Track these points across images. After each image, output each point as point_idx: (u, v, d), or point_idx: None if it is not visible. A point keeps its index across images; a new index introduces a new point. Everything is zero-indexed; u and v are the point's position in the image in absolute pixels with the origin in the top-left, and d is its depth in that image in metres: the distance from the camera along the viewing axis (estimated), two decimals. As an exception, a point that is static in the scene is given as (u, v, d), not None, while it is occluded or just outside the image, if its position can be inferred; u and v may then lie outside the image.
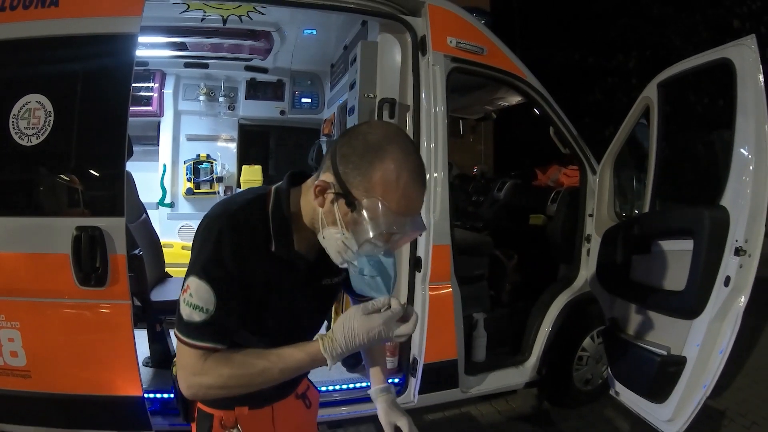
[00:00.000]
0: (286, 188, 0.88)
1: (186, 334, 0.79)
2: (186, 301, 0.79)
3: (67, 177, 1.65)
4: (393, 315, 0.78)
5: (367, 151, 0.76)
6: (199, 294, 0.78)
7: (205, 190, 3.70)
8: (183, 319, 0.79)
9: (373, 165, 0.75)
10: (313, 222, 0.84)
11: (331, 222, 0.79)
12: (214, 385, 0.80)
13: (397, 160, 0.75)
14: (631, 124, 2.34)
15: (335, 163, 0.78)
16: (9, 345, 1.61)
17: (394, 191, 0.75)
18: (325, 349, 0.78)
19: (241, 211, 0.82)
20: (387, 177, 0.75)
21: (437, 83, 2.01)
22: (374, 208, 0.75)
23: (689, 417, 1.81)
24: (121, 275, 1.63)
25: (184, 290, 0.79)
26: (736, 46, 1.78)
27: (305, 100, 3.79)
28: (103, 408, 1.69)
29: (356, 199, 0.76)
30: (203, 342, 0.79)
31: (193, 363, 0.79)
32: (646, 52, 5.84)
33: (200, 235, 0.81)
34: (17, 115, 1.58)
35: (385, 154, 0.75)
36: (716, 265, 1.71)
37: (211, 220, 0.82)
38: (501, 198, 2.94)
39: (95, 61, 1.65)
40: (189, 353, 0.79)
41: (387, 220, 0.75)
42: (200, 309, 0.78)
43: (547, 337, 2.42)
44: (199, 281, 0.78)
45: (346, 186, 0.76)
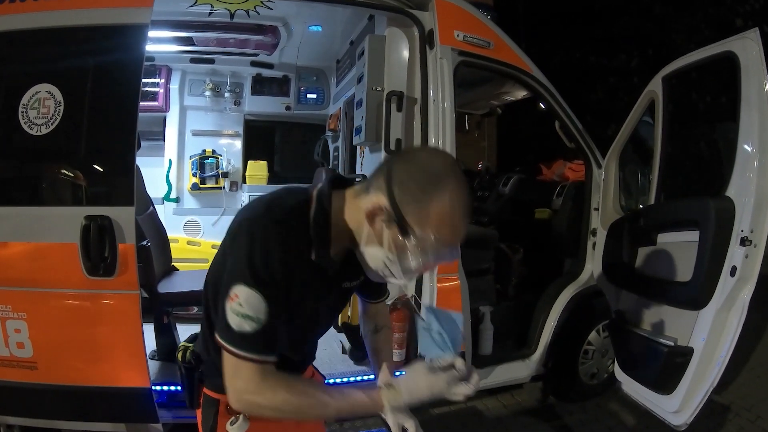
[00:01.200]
0: (328, 194, 0.86)
1: (238, 345, 0.77)
2: (235, 311, 0.77)
3: (76, 167, 1.65)
4: (457, 376, 0.80)
5: (427, 182, 0.77)
6: (249, 302, 0.76)
7: (210, 185, 3.70)
8: (233, 330, 0.77)
9: (432, 198, 0.76)
10: (356, 234, 0.85)
11: (376, 242, 0.81)
12: (269, 406, 0.80)
13: (453, 195, 0.77)
14: (636, 119, 2.35)
15: (391, 187, 0.78)
16: (15, 336, 1.59)
17: (447, 225, 0.77)
18: (388, 400, 0.80)
19: (288, 218, 0.81)
20: (443, 212, 0.76)
21: (445, 76, 2.02)
22: (426, 241, 0.77)
23: (696, 408, 1.81)
24: (130, 265, 1.62)
25: (230, 298, 0.77)
26: (739, 40, 1.80)
27: (311, 96, 3.79)
28: (110, 400, 1.68)
29: (410, 227, 0.77)
30: (256, 354, 0.78)
31: (248, 379, 0.78)
32: (648, 50, 5.85)
33: (244, 239, 0.79)
34: (27, 105, 1.57)
35: (443, 188, 0.76)
36: (722, 255, 1.71)
37: (256, 225, 0.80)
38: (506, 193, 2.95)
39: (106, 51, 1.65)
40: (242, 367, 0.78)
41: (434, 251, 0.78)
42: (251, 318, 0.77)
43: (553, 330, 2.43)
44: (248, 290, 0.76)
45: (401, 213, 0.77)
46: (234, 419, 0.91)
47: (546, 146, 3.30)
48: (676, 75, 2.16)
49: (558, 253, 2.71)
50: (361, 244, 0.84)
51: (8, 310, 1.59)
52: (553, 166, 3.14)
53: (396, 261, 0.81)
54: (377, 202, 0.79)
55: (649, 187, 2.30)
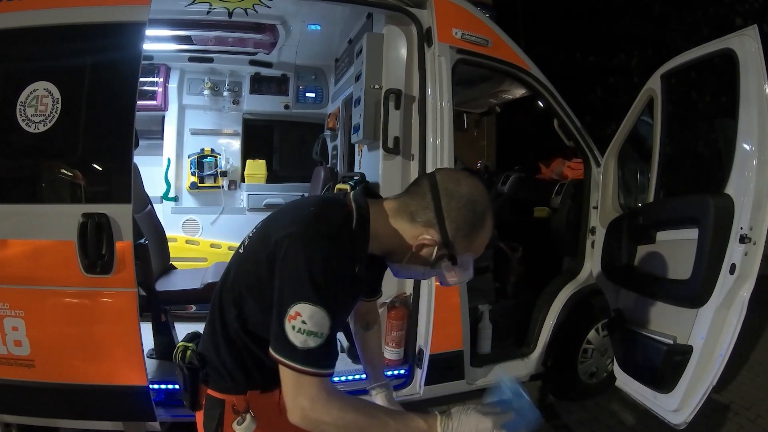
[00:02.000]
0: (366, 206, 0.92)
1: (304, 362, 0.79)
2: (299, 329, 0.79)
3: (74, 164, 1.64)
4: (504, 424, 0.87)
5: (476, 222, 0.89)
6: (314, 320, 0.79)
7: (209, 184, 3.70)
8: (298, 348, 0.79)
9: (479, 233, 0.91)
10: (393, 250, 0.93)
11: (420, 262, 0.93)
12: (334, 425, 0.81)
13: (490, 227, 0.92)
14: (634, 117, 2.35)
15: (443, 224, 0.88)
16: (13, 334, 1.59)
17: (483, 245, 0.93)
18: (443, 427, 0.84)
19: (339, 235, 0.86)
20: (484, 237, 0.92)
21: (443, 74, 2.02)
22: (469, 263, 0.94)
23: (696, 406, 1.80)
24: (128, 263, 1.61)
25: (291, 317, 0.79)
26: (738, 36, 1.80)
27: (309, 95, 3.79)
28: (107, 398, 1.68)
29: (458, 256, 0.91)
30: (320, 369, 0.80)
31: (314, 396, 0.79)
32: (647, 50, 5.85)
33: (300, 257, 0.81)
34: (24, 103, 1.57)
35: (487, 221, 0.91)
36: (721, 252, 1.71)
37: (310, 241, 0.82)
38: (505, 191, 2.94)
39: (103, 49, 1.65)
40: (307, 383, 0.80)
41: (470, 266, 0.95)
42: (316, 334, 0.79)
43: (552, 329, 2.42)
44: (313, 307, 0.79)
45: (453, 247, 0.89)
46: (241, 419, 0.92)
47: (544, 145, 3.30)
48: (675, 72, 2.16)
49: (557, 252, 2.70)
50: (402, 262, 0.94)
51: (5, 307, 1.59)
52: (552, 165, 3.14)
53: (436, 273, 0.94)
54: (431, 238, 0.89)
55: (647, 186, 2.29)
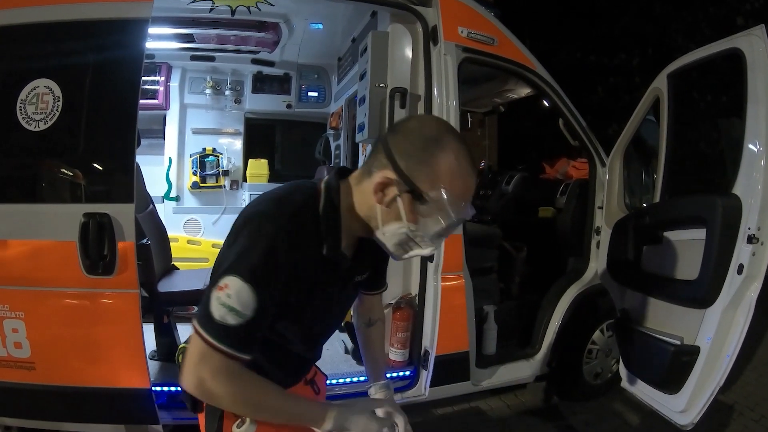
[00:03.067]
0: (336, 184, 0.87)
1: (214, 335, 0.75)
2: (221, 301, 0.74)
3: (75, 163, 1.62)
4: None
5: (428, 144, 0.78)
6: (240, 296, 0.74)
7: (211, 183, 3.68)
8: (214, 319, 0.74)
9: (437, 156, 0.78)
10: (369, 219, 0.85)
11: (393, 218, 0.81)
12: (225, 397, 0.78)
13: (456, 149, 0.79)
14: (640, 116, 2.34)
15: (394, 159, 0.79)
16: (13, 336, 1.57)
17: (458, 179, 0.79)
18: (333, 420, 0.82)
19: (297, 215, 0.81)
20: (451, 166, 0.78)
21: (449, 73, 2.00)
22: (444, 198, 0.78)
23: (703, 407, 1.79)
24: (130, 263, 1.59)
25: (219, 287, 0.75)
26: (745, 36, 1.79)
27: (312, 94, 3.77)
28: (109, 401, 1.66)
29: (424, 191, 0.78)
30: (231, 349, 0.75)
31: (215, 370, 0.75)
32: (648, 50, 5.85)
33: (249, 233, 0.78)
34: (25, 100, 1.55)
35: (445, 144, 0.79)
36: (729, 253, 1.70)
37: (264, 220, 0.79)
38: (509, 191, 2.94)
39: (106, 46, 1.63)
40: (213, 357, 0.75)
41: (454, 207, 0.79)
42: (237, 312, 0.74)
43: (557, 330, 2.41)
44: (243, 283, 0.74)
45: (411, 180, 0.78)
46: (240, 422, 0.89)
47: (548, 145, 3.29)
48: (682, 72, 2.15)
49: (562, 252, 2.69)
50: (379, 226, 0.83)
51: (6, 309, 1.56)
52: (557, 165, 3.13)
53: (419, 229, 0.81)
54: (384, 176, 0.80)
55: (653, 186, 2.29)
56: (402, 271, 2.15)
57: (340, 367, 2.22)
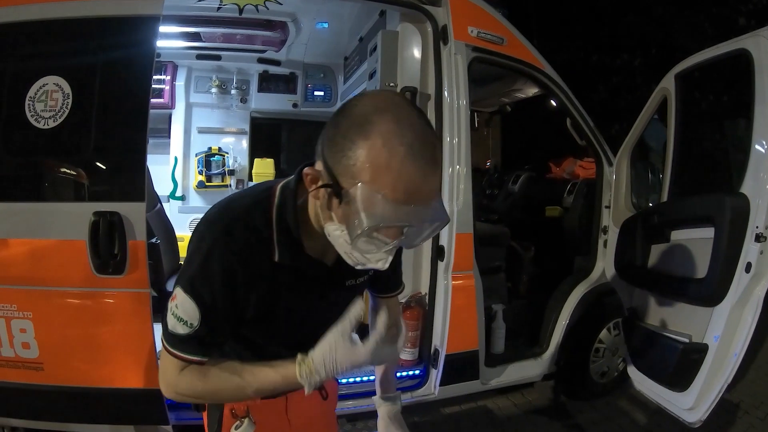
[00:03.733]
0: (294, 186, 0.76)
1: (169, 343, 0.77)
2: (172, 311, 0.75)
3: (85, 161, 1.60)
4: (379, 342, 0.71)
5: (351, 127, 0.62)
6: (184, 307, 0.74)
7: (216, 183, 3.68)
8: (167, 328, 0.76)
9: (356, 143, 0.61)
10: (317, 219, 0.74)
11: (327, 217, 0.69)
12: (189, 396, 0.80)
13: (387, 134, 0.60)
14: (648, 116, 2.35)
15: (322, 146, 0.66)
16: (21, 336, 1.55)
17: (385, 174, 0.60)
18: (302, 377, 0.73)
19: (238, 221, 0.74)
20: (374, 157, 0.60)
21: (459, 72, 2.01)
22: (363, 198, 0.61)
23: (711, 404, 1.81)
24: (141, 262, 1.57)
25: (171, 298, 0.76)
26: (753, 37, 1.81)
27: (318, 93, 3.77)
28: (119, 401, 1.64)
29: (342, 187, 0.63)
30: (185, 354, 0.76)
31: (171, 372, 0.77)
32: (651, 50, 5.86)
33: (193, 242, 0.75)
34: (34, 98, 1.53)
35: (371, 128, 0.61)
36: (737, 251, 1.71)
37: (205, 227, 0.75)
38: (516, 191, 2.94)
39: (116, 43, 1.61)
40: (169, 361, 0.77)
41: (383, 210, 0.61)
42: (184, 322, 0.74)
43: (565, 329, 2.41)
44: (184, 295, 0.74)
45: (332, 173, 0.64)
46: (239, 423, 0.89)
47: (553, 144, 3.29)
48: (690, 72, 2.16)
49: (569, 251, 2.70)
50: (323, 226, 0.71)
51: (14, 309, 1.55)
52: (563, 164, 3.14)
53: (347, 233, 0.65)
54: (314, 168, 0.68)
55: (660, 185, 2.30)
56: (412, 269, 2.16)
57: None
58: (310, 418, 1.03)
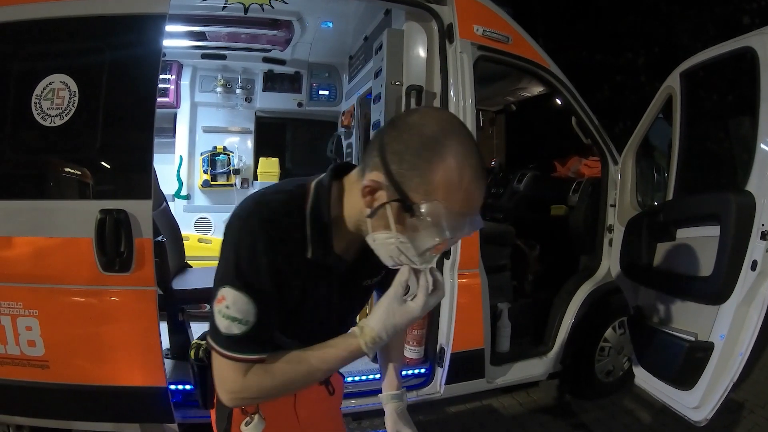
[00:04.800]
0: (328, 184, 0.79)
1: (225, 346, 0.75)
2: (223, 313, 0.74)
3: (91, 159, 1.60)
4: (427, 294, 0.75)
5: (424, 147, 0.67)
6: (237, 306, 0.73)
7: (221, 182, 3.69)
8: (221, 332, 0.74)
9: (433, 164, 0.67)
10: (359, 223, 0.78)
11: (382, 226, 0.72)
12: (259, 397, 0.80)
13: (459, 156, 0.67)
14: (653, 115, 2.34)
15: (386, 160, 0.69)
16: (27, 334, 1.55)
17: (457, 192, 0.67)
18: (367, 345, 0.76)
19: (277, 216, 0.75)
20: (449, 177, 0.67)
21: (465, 71, 2.01)
22: (437, 213, 0.67)
23: (717, 403, 1.80)
24: (147, 260, 1.57)
25: (218, 300, 0.74)
26: (758, 35, 1.80)
27: (323, 93, 3.78)
28: (125, 399, 1.64)
29: (414, 203, 0.68)
30: (245, 354, 0.75)
31: (233, 378, 0.76)
32: (655, 49, 5.84)
33: (232, 238, 0.75)
34: (40, 96, 1.53)
35: (445, 150, 0.67)
36: (743, 249, 1.70)
37: (244, 222, 0.75)
38: (521, 189, 2.94)
39: (123, 41, 1.61)
40: (228, 366, 0.76)
41: (450, 223, 0.68)
42: (239, 321, 0.73)
43: (570, 327, 2.41)
44: (236, 292, 0.73)
45: (401, 188, 0.68)
46: (249, 419, 0.89)
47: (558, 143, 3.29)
48: (695, 71, 2.16)
49: (574, 250, 2.69)
50: (369, 232, 0.75)
51: (19, 307, 1.55)
52: (568, 163, 3.13)
53: (408, 242, 0.71)
54: (374, 179, 0.70)
55: (665, 184, 2.29)
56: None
57: (355, 365, 2.21)
58: (318, 414, 1.04)
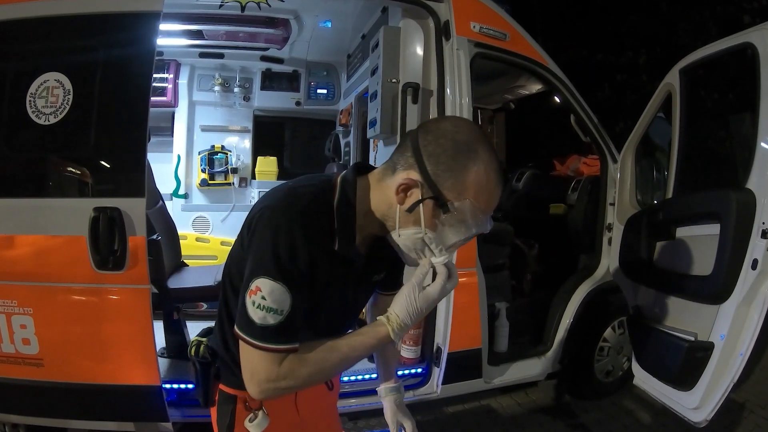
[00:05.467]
0: (353, 180, 0.84)
1: (262, 338, 0.76)
2: (258, 305, 0.75)
3: (86, 157, 1.60)
4: (444, 280, 0.81)
5: (459, 152, 0.76)
6: (273, 296, 0.75)
7: (219, 181, 3.69)
8: (256, 324, 0.76)
9: (467, 167, 0.76)
10: (385, 218, 0.83)
11: (412, 221, 0.79)
12: (294, 387, 0.81)
13: (487, 162, 0.77)
14: (652, 112, 2.32)
15: (422, 161, 0.76)
16: (21, 332, 1.55)
17: (484, 192, 0.77)
18: (395, 331, 0.80)
19: (310, 207, 0.79)
20: (479, 179, 0.76)
21: (462, 68, 1.99)
22: (467, 211, 0.77)
23: (717, 404, 1.78)
24: (140, 258, 1.57)
25: (251, 291, 0.75)
26: (758, 31, 1.78)
27: (321, 91, 3.77)
28: (119, 398, 1.64)
29: (449, 201, 0.76)
30: (281, 344, 0.77)
31: (268, 368, 0.77)
32: (656, 48, 5.82)
33: (267, 228, 0.77)
34: (35, 94, 1.53)
35: (476, 155, 0.76)
36: (743, 248, 1.68)
37: (278, 215, 0.77)
38: (520, 188, 2.92)
39: (117, 39, 1.61)
40: (263, 357, 0.77)
41: (475, 221, 0.77)
42: (275, 311, 0.75)
43: (569, 327, 2.39)
44: (273, 283, 0.75)
45: (437, 187, 0.76)
46: (253, 416, 0.89)
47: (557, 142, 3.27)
48: (694, 67, 2.14)
49: (573, 249, 2.68)
50: (396, 227, 0.81)
51: (14, 305, 1.55)
52: (567, 162, 3.12)
53: (435, 238, 0.79)
54: (409, 178, 0.77)
55: (665, 182, 2.27)
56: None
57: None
58: (318, 409, 1.06)
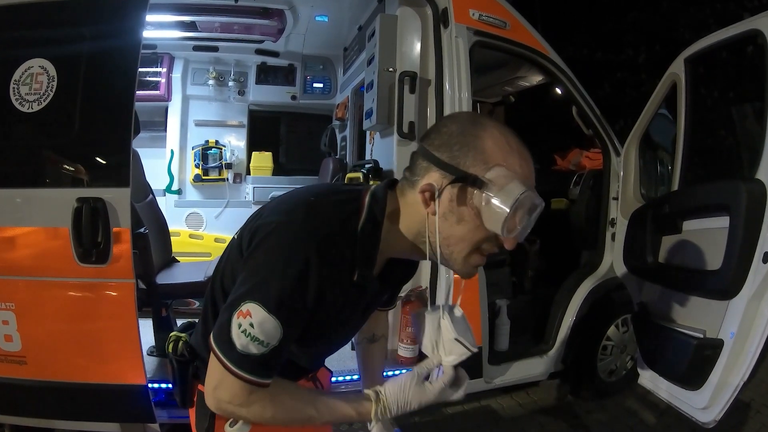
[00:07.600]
0: (383, 198, 0.76)
1: (237, 364, 0.69)
2: (244, 330, 0.68)
3: (69, 146, 1.55)
4: (447, 384, 0.77)
5: (465, 128, 0.71)
6: (263, 328, 0.68)
7: (213, 176, 3.64)
8: (236, 348, 0.69)
9: (480, 136, 0.70)
10: (418, 235, 0.75)
11: (455, 220, 0.71)
12: (252, 421, 0.76)
13: (499, 127, 0.72)
14: (656, 104, 2.28)
15: (434, 157, 0.71)
16: (3, 328, 1.50)
17: (511, 154, 0.70)
18: (377, 415, 0.77)
19: (333, 235, 0.71)
20: (498, 142, 0.70)
21: (460, 56, 1.94)
22: (502, 175, 0.67)
23: (726, 403, 1.73)
24: (125, 252, 1.51)
25: (240, 313, 0.68)
26: (766, 17, 1.76)
27: (317, 85, 3.73)
28: (103, 397, 1.58)
29: (478, 176, 0.68)
30: (254, 377, 0.70)
31: (235, 392, 0.71)
32: (656, 46, 5.80)
33: (276, 252, 0.69)
34: (19, 81, 1.49)
35: (485, 123, 0.72)
36: (754, 241, 1.62)
37: (294, 238, 0.69)
38: (520, 183, 2.87)
39: (102, 23, 1.56)
40: (234, 383, 0.70)
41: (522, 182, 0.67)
42: (261, 343, 0.68)
43: (571, 325, 2.34)
44: (267, 314, 0.67)
45: (461, 169, 0.69)
46: (233, 420, 0.81)
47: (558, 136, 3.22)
48: (700, 56, 2.09)
49: (575, 245, 2.62)
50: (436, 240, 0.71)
51: (-5, 300, 1.49)
52: (569, 156, 3.07)
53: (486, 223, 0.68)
54: (428, 182, 0.71)
55: (670, 175, 2.22)
56: (411, 262, 2.08)
57: (346, 364, 2.14)
58: None
